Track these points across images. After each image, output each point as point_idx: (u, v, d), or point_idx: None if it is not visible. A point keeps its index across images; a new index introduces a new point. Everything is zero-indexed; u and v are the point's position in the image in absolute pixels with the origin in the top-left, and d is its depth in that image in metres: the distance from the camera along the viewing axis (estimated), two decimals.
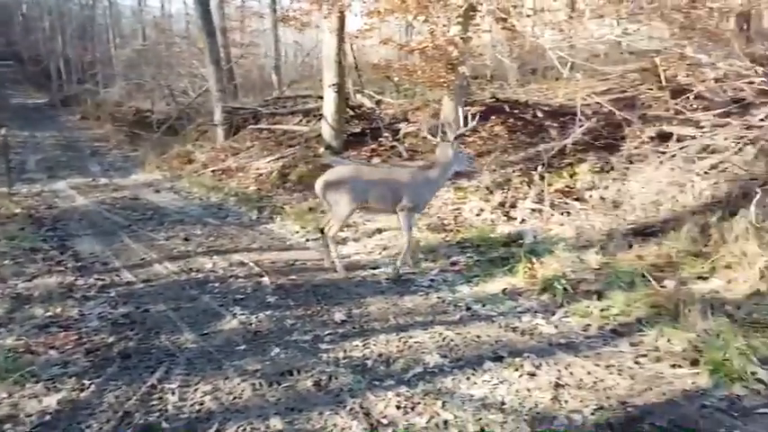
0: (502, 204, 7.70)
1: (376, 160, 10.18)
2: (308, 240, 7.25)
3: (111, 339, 4.42)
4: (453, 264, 5.78)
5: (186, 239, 7.38)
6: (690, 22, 8.66)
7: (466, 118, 6.28)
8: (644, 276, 4.63)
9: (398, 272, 5.62)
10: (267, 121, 13.37)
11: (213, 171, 12.00)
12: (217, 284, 5.60)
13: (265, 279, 5.62)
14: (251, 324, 4.58)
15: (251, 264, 6.14)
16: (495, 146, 9.66)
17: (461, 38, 9.89)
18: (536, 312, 4.52)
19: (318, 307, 4.88)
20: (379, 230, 7.12)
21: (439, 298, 4.98)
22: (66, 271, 6.30)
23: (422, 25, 10.23)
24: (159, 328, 4.64)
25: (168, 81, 19.15)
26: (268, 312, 4.78)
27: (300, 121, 13.15)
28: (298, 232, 7.67)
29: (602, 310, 4.32)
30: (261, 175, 10.95)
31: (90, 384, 3.67)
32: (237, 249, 6.87)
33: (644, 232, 5.71)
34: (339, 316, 4.63)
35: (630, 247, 5.35)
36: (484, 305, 4.74)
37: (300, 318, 4.67)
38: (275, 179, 10.42)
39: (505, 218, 7.42)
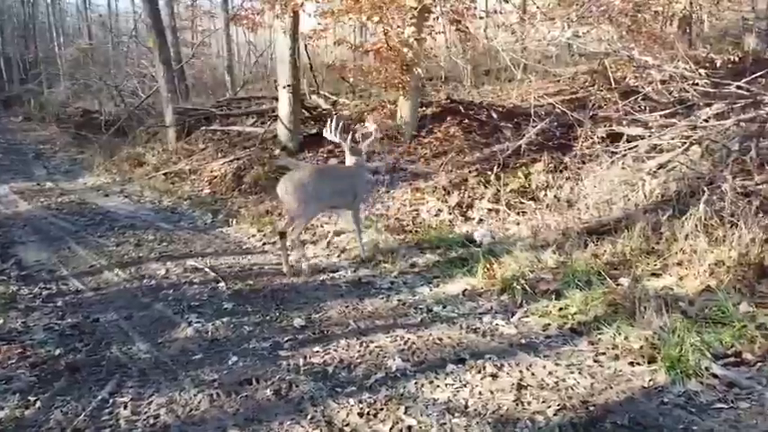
0: (459, 205, 7.72)
1: (333, 161, 10.08)
2: (265, 244, 7.10)
3: (58, 352, 4.22)
4: (413, 266, 5.74)
5: (138, 245, 7.13)
6: (636, 26, 8.90)
7: (353, 135, 6.48)
8: (600, 275, 4.68)
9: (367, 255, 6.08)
10: (220, 123, 13.09)
11: (165, 174, 11.65)
12: (171, 291, 5.41)
13: (221, 285, 5.47)
14: (207, 332, 4.44)
15: (206, 269, 5.96)
16: (451, 146, 9.68)
17: (416, 39, 9.91)
18: (496, 313, 4.52)
19: (277, 312, 4.77)
20: (337, 233, 7.03)
21: (399, 300, 4.93)
22: (8, 280, 6.00)
23: (376, 26, 10.21)
24: (110, 338, 4.46)
25: (116, 81, 18.54)
26: (225, 319, 4.64)
27: (255, 122, 12.93)
28: (254, 236, 7.51)
29: (560, 310, 4.34)
30: (215, 177, 10.69)
31: (35, 401, 3.49)
32: (192, 254, 6.68)
33: (598, 231, 5.79)
34: (298, 321, 4.53)
35: (586, 246, 5.41)
36: (444, 307, 4.71)
37: (259, 324, 4.55)
38: (230, 182, 10.20)
39: (463, 218, 7.45)
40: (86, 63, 22.94)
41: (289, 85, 10.20)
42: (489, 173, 8.21)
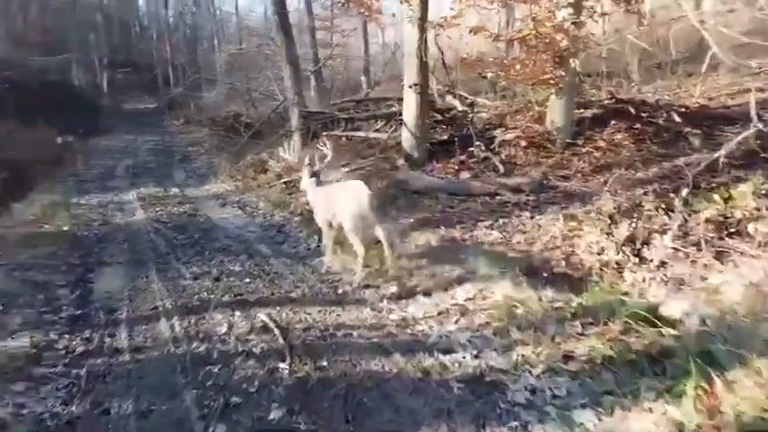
0: (630, 240, 5.42)
1: (465, 175, 8.07)
2: (367, 287, 5.27)
3: None
4: (567, 358, 3.56)
5: (217, 280, 5.64)
6: None
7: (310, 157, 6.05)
8: None
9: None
10: (345, 128, 11.55)
11: (285, 183, 10.31)
12: (216, 369, 3.75)
13: (283, 366, 3.70)
14: None
15: (276, 332, 4.25)
16: (617, 159, 7.29)
17: (572, 23, 7.61)
18: None
19: None
20: (460, 280, 5.03)
21: None
22: (56, 323, 4.78)
23: (522, 8, 8.04)
24: None
25: (257, 84, 17.88)
26: None
27: (383, 126, 11.23)
28: (357, 273, 5.73)
29: None
30: None
31: None
32: (271, 300, 5.01)
33: None
34: None
35: None
36: None
37: None
38: None
39: (636, 259, 5.17)
40: (238, 67, 22.88)
41: (415, 84, 8.33)
42: (673, 195, 5.82)
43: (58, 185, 12.48)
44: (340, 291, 5.27)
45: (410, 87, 8.46)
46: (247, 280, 5.60)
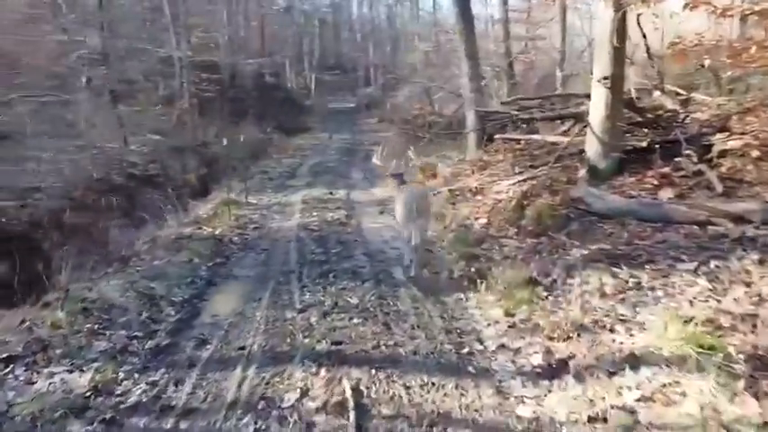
0: None
1: (666, 194, 6.07)
2: (501, 348, 3.87)
3: None
4: None
5: (324, 315, 4.67)
6: None
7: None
8: None
9: None
10: (523, 129, 9.93)
11: (450, 191, 9.08)
12: None
13: None
14: None
15: (351, 417, 3.07)
16: None
17: None
18: None
19: None
20: (634, 361, 3.35)
21: None
22: (137, 354, 4.20)
23: None
24: None
25: (446, 82, 16.88)
26: None
27: (571, 127, 9.39)
28: (497, 323, 4.34)
29: None
30: (498, 202, 7.67)
31: None
32: (371, 357, 3.87)
33: None
34: None
35: None
36: None
37: None
38: (512, 212, 7.04)
39: None
40: (432, 65, 22.24)
41: (605, 78, 6.52)
42: None
43: (241, 183, 12.75)
44: (465, 350, 3.94)
45: (599, 81, 6.66)
46: (357, 320, 4.53)
